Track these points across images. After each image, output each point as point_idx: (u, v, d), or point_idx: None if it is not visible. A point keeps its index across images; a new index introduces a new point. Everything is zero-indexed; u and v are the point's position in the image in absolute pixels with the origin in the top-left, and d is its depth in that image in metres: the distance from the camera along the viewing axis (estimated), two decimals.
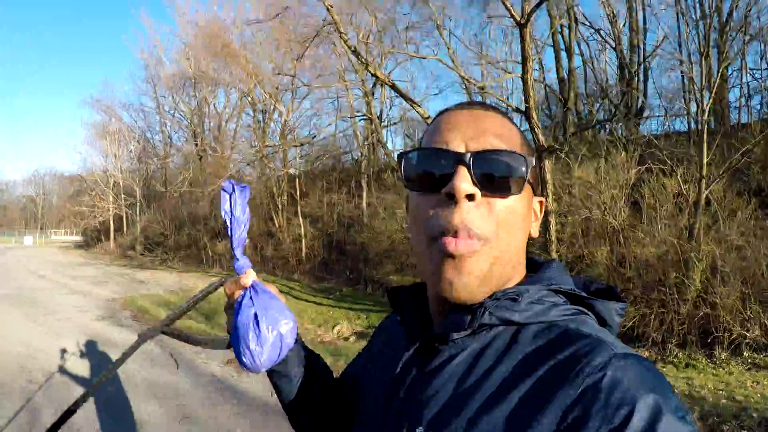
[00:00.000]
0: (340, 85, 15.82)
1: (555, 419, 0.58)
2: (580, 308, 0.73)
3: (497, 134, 0.72)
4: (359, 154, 20.72)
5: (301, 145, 16.14)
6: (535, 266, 0.81)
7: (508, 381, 0.64)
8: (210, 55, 21.57)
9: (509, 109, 10.74)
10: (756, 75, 15.46)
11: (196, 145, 28.41)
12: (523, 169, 0.71)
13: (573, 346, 0.64)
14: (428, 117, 9.78)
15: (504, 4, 8.76)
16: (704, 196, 9.51)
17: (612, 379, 0.58)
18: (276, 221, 21.29)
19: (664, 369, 7.72)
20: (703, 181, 9.47)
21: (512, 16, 8.74)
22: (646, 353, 8.10)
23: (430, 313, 0.81)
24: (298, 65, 22.77)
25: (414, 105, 9.65)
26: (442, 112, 0.79)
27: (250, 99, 22.73)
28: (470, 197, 0.68)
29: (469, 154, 0.69)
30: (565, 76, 15.27)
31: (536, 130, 9.50)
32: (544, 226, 9.48)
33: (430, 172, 0.72)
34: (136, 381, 6.17)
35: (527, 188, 0.74)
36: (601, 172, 10.87)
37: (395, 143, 30.05)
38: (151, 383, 6.15)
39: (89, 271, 19.33)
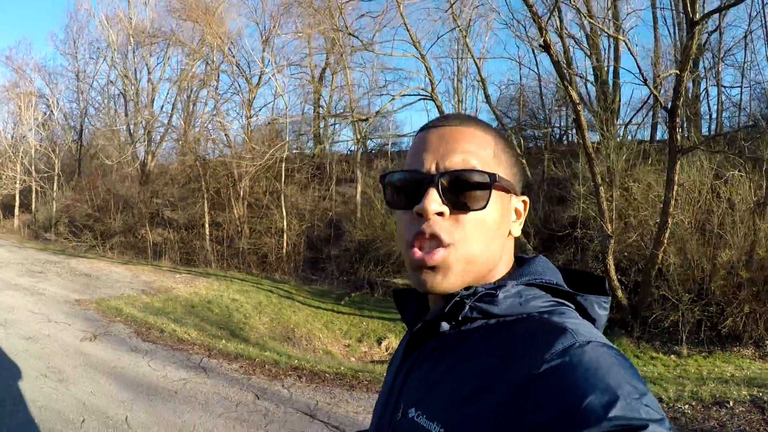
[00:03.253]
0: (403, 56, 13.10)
1: (502, 399, 0.60)
2: (561, 300, 0.73)
3: (466, 150, 0.74)
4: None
5: (367, 119, 13.11)
6: (523, 263, 0.81)
7: (480, 367, 0.66)
8: (183, 14, 17.53)
9: (653, 105, 9.95)
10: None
11: (126, 115, 23.70)
12: (487, 185, 0.73)
13: (541, 334, 0.64)
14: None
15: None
16: None
17: (569, 365, 0.58)
18: (236, 211, 17.80)
19: None
20: None
21: (686, 12, 7.83)
22: (747, 351, 8.46)
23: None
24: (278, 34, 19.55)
25: (569, 87, 7.61)
26: (420, 130, 0.81)
27: (219, 66, 18.89)
28: (440, 215, 0.73)
29: (437, 175, 0.73)
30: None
31: (676, 130, 8.49)
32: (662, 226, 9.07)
33: (406, 193, 0.76)
34: None
35: (500, 195, 0.75)
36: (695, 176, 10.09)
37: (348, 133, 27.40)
38: None
39: (4, 255, 14.63)
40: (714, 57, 16.06)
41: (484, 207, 0.72)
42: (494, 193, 0.73)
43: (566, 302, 0.73)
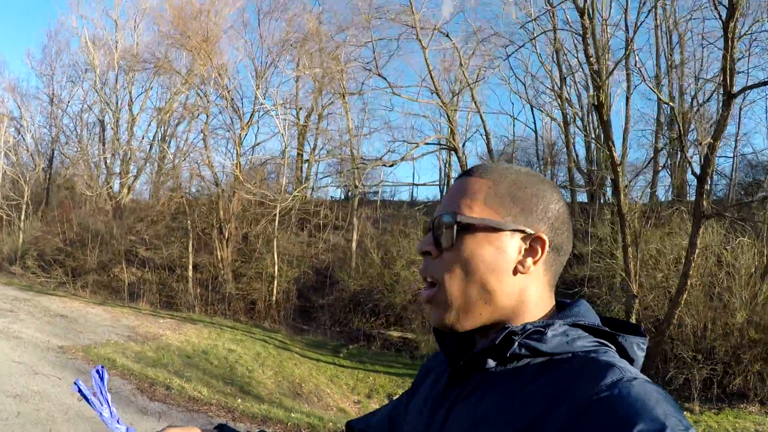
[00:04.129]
0: (426, 103, 12.79)
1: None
2: (603, 341, 0.73)
3: (456, 197, 0.77)
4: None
5: (393, 165, 12.63)
6: (564, 307, 0.80)
7: (530, 402, 0.65)
8: (178, 41, 17.00)
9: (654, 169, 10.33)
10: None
11: (103, 144, 22.61)
12: (451, 225, 0.74)
13: (589, 371, 0.64)
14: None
15: (724, 72, 7.96)
16: None
17: (618, 397, 0.58)
18: (220, 254, 16.81)
19: None
20: None
21: (725, 86, 8.00)
22: (754, 408, 8.94)
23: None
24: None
25: (612, 149, 7.60)
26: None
27: (208, 100, 18.29)
28: (427, 253, 0.77)
29: (432, 220, 0.78)
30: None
31: (703, 196, 8.76)
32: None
33: None
34: None
35: (483, 234, 0.74)
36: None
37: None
38: None
39: None
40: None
41: (451, 246, 0.74)
42: (473, 232, 0.74)
43: (607, 343, 0.73)
